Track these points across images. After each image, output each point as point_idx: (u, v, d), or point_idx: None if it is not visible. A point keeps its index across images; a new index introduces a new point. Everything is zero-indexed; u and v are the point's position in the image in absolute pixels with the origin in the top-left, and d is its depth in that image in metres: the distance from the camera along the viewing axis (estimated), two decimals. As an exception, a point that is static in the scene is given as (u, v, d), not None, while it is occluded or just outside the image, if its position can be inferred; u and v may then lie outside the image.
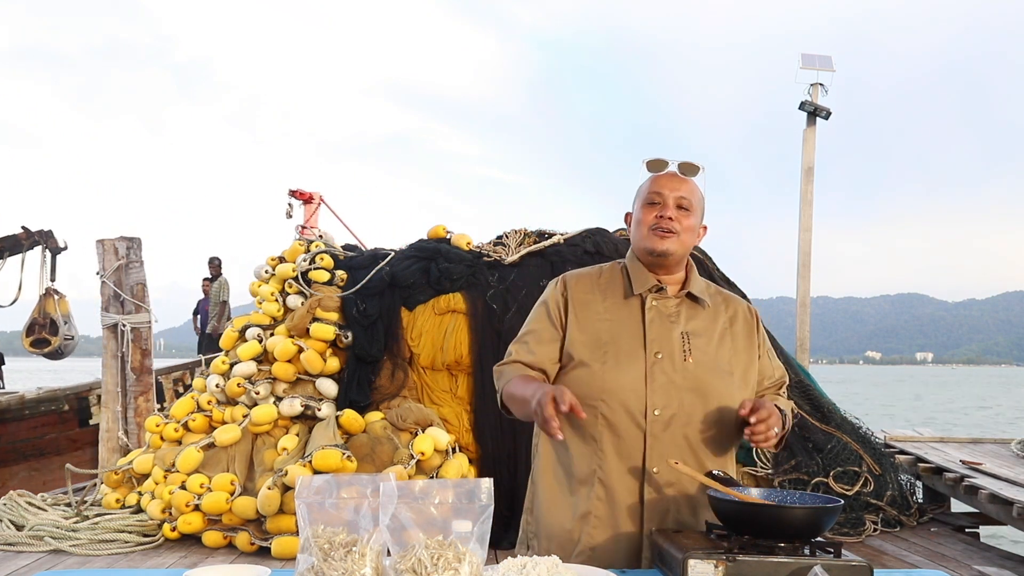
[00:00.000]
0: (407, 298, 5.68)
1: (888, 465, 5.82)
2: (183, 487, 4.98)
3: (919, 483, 6.17)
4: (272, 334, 5.62)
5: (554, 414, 1.72)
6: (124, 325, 6.41)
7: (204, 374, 5.96)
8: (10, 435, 7.39)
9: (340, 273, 5.81)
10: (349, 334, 5.50)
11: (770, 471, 5.46)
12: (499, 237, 6.26)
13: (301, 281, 5.76)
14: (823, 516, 1.57)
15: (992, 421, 27.86)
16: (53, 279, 7.73)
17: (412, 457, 4.90)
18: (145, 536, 4.97)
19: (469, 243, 6.11)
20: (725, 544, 1.61)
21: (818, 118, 11.84)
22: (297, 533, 1.77)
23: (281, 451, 5.09)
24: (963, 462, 5.92)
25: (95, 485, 5.66)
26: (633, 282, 1.98)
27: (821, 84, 11.87)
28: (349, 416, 5.19)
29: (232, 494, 4.93)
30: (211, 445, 5.25)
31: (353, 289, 5.67)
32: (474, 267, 5.82)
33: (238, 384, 5.40)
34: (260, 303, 5.85)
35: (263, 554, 4.72)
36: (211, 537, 4.89)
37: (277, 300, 5.79)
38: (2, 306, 7.80)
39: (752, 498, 1.71)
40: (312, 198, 10.58)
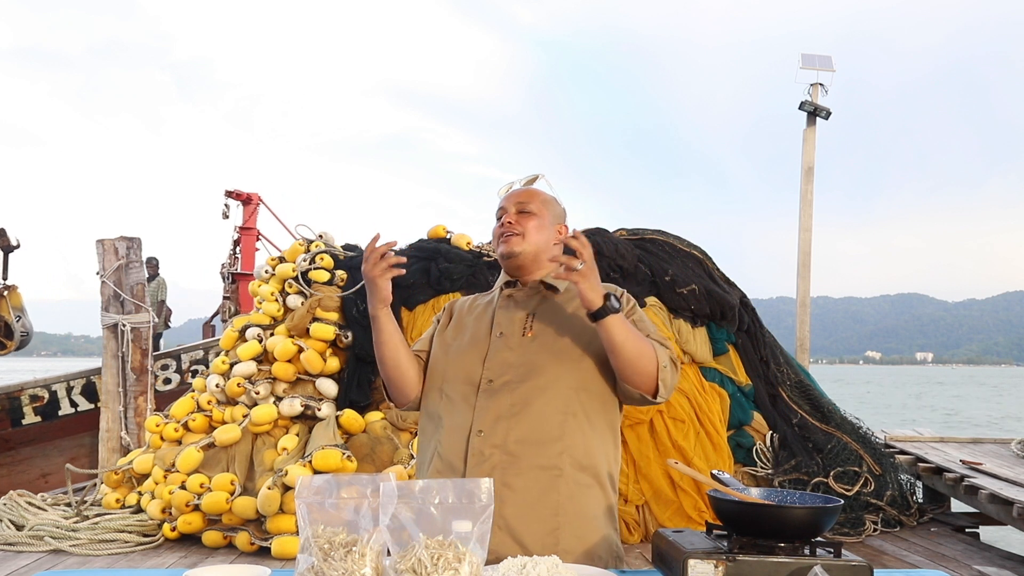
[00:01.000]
0: (407, 298, 5.68)
1: (888, 465, 5.82)
2: (183, 487, 4.98)
3: (919, 483, 6.17)
4: (272, 334, 5.62)
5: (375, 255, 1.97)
6: (124, 325, 6.41)
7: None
8: None
9: (340, 273, 5.81)
10: (349, 334, 5.51)
11: (770, 471, 5.46)
12: (499, 237, 6.26)
13: (301, 281, 5.76)
14: (823, 516, 1.57)
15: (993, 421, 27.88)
16: (5, 277, 7.72)
17: (412, 457, 4.90)
18: (145, 536, 4.98)
19: (469, 243, 6.11)
20: (725, 544, 1.61)
21: (818, 118, 11.84)
22: (297, 533, 1.76)
23: (281, 451, 5.09)
24: (963, 462, 5.92)
25: (95, 485, 5.66)
26: (497, 286, 2.14)
27: (821, 84, 11.86)
28: (349, 416, 5.19)
29: (232, 494, 4.93)
30: (211, 445, 5.25)
31: (353, 289, 5.67)
32: (474, 267, 5.82)
33: (238, 384, 5.40)
34: (260, 303, 5.85)
35: (263, 554, 4.72)
36: (211, 537, 4.89)
37: (277, 300, 5.79)
38: None
39: (752, 498, 1.71)
40: (251, 198, 10.59)
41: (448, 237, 6.23)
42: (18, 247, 7.78)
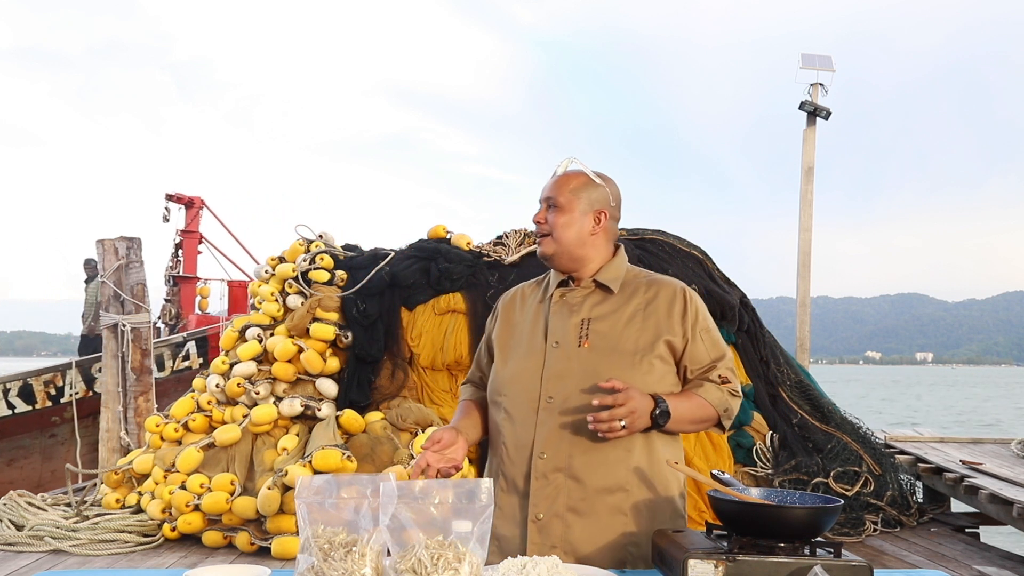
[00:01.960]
0: (407, 298, 5.68)
1: (888, 465, 5.82)
2: (183, 487, 4.98)
3: (919, 483, 6.17)
4: (272, 334, 5.61)
5: (419, 470, 1.92)
6: (124, 325, 6.41)
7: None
8: None
9: (340, 273, 5.80)
10: (349, 334, 5.50)
11: (770, 471, 5.46)
12: (499, 237, 6.26)
13: (301, 281, 5.76)
14: (823, 516, 1.57)
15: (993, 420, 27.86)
16: None
17: (412, 457, 4.90)
18: (145, 536, 4.97)
19: (469, 243, 6.11)
20: (725, 544, 1.61)
21: (818, 118, 11.83)
22: (297, 533, 1.76)
23: (281, 451, 5.09)
24: (963, 462, 5.91)
25: (95, 485, 5.66)
26: (549, 284, 2.04)
27: (821, 84, 11.85)
28: (349, 416, 5.19)
29: (232, 494, 4.93)
30: (211, 445, 5.25)
31: (353, 289, 5.67)
32: (474, 267, 5.82)
33: (238, 384, 5.40)
34: (260, 303, 5.84)
35: (263, 554, 4.72)
36: (211, 537, 4.89)
37: (277, 300, 5.79)
38: None
39: (752, 498, 1.71)
40: (193, 202, 10.61)
41: (448, 237, 6.23)
42: None
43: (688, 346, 1.91)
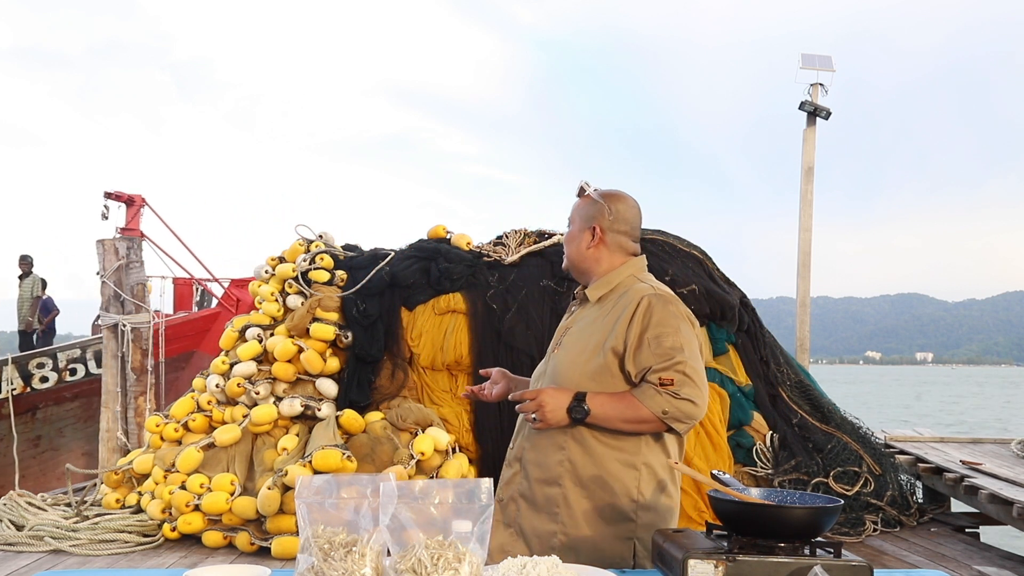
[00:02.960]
0: (407, 298, 5.67)
1: (888, 465, 5.81)
2: (183, 487, 4.98)
3: (919, 483, 6.17)
4: (272, 334, 5.61)
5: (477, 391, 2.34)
6: (124, 325, 6.41)
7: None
8: None
9: (340, 273, 5.80)
10: (349, 334, 5.50)
11: (770, 471, 5.46)
12: (499, 237, 6.25)
13: (301, 281, 5.76)
14: (823, 516, 1.57)
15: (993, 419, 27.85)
16: None
17: (412, 457, 4.90)
18: (145, 536, 4.97)
19: (469, 243, 6.10)
20: (725, 544, 1.61)
21: (818, 118, 11.83)
22: (297, 533, 1.77)
23: (281, 451, 5.08)
24: (963, 462, 5.92)
25: (95, 485, 5.66)
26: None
27: (821, 84, 11.85)
28: (349, 416, 5.18)
29: (232, 494, 4.93)
30: (211, 445, 5.25)
31: (353, 289, 5.67)
32: (474, 267, 5.82)
33: (238, 384, 5.40)
34: (260, 303, 5.84)
35: (263, 554, 4.72)
36: (211, 537, 4.89)
37: (277, 300, 5.79)
38: None
39: (752, 498, 1.71)
40: (133, 200, 10.63)
41: (448, 237, 6.23)
42: None
43: (629, 352, 1.99)
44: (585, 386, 2.00)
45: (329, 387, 5.40)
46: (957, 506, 6.01)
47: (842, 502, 1.62)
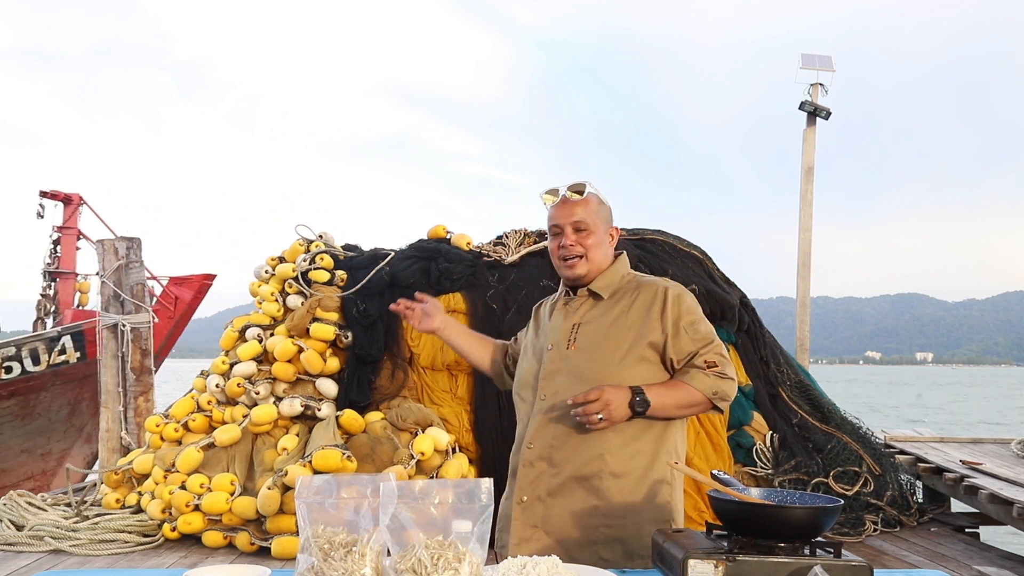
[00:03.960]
0: (407, 298, 5.67)
1: (888, 465, 5.81)
2: (183, 487, 4.98)
3: (919, 483, 6.17)
4: (272, 334, 5.61)
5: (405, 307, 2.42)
6: (124, 325, 6.41)
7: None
8: None
9: (340, 273, 5.80)
10: (349, 334, 5.50)
11: (770, 471, 5.46)
12: (499, 237, 6.25)
13: (301, 281, 5.76)
14: (823, 516, 1.57)
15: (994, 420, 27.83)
16: None
17: (412, 457, 4.90)
18: (145, 536, 4.97)
19: (469, 243, 6.10)
20: (725, 544, 1.61)
21: (818, 118, 11.83)
22: (297, 533, 1.77)
23: (281, 451, 5.09)
24: (963, 462, 5.92)
25: (95, 485, 5.66)
26: (561, 294, 2.27)
27: (821, 84, 11.85)
28: (349, 416, 5.18)
29: (232, 494, 4.93)
30: (211, 445, 5.25)
31: (353, 289, 5.67)
32: (474, 267, 5.82)
33: (238, 384, 5.40)
34: (260, 303, 5.84)
35: (263, 554, 4.72)
36: (211, 537, 4.89)
37: (277, 300, 5.79)
38: None
39: (752, 498, 1.71)
40: (71, 199, 10.62)
41: (448, 237, 6.22)
42: None
43: (669, 341, 2.06)
44: (627, 380, 2.02)
45: (329, 387, 5.40)
46: (957, 506, 6.01)
47: (842, 502, 1.62)
